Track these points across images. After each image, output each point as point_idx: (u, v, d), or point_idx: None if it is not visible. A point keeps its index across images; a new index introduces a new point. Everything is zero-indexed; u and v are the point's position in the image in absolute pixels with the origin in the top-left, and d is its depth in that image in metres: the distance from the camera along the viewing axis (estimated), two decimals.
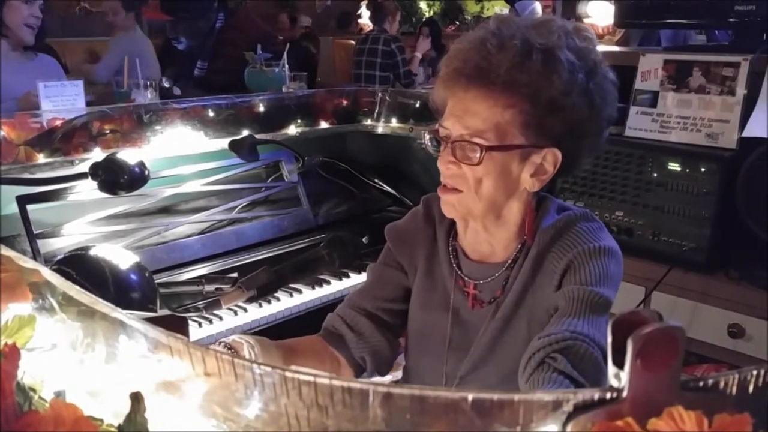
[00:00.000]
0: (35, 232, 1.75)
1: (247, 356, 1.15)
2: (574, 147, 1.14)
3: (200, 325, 1.81)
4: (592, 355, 0.99)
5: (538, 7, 6.40)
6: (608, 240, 1.16)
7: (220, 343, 1.18)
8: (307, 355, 1.24)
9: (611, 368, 0.47)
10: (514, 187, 1.14)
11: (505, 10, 6.88)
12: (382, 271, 1.33)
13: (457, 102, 1.12)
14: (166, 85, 2.72)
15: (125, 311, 0.57)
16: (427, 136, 1.19)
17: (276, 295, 1.93)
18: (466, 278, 1.23)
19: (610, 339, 0.48)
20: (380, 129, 2.58)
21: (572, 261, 1.11)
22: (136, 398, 0.55)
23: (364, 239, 2.10)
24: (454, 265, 1.24)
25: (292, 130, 2.37)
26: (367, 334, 1.28)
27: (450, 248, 1.26)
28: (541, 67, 1.07)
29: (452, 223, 1.25)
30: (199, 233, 2.04)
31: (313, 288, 2.02)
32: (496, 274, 1.20)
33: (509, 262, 1.19)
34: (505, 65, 1.07)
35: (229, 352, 1.13)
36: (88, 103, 2.11)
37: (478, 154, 1.08)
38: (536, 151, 1.11)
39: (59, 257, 1.61)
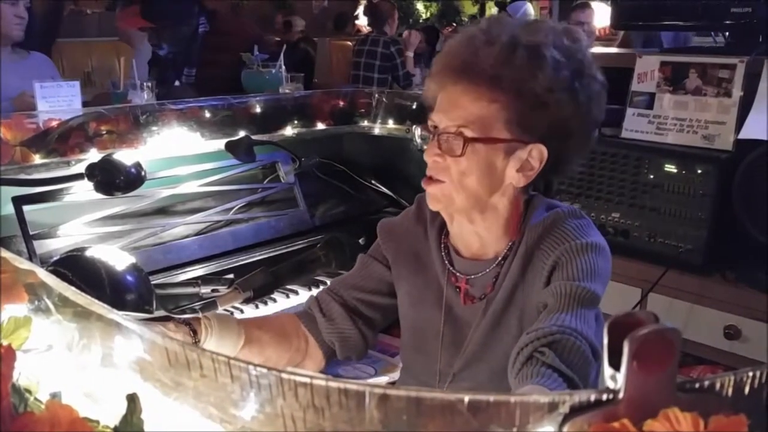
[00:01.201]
0: (31, 233, 1.75)
1: (203, 335, 1.18)
2: (560, 145, 1.15)
3: None
4: (579, 348, 1.00)
5: (530, 8, 6.42)
6: (596, 236, 1.17)
7: (181, 319, 1.20)
8: (272, 333, 1.29)
9: (607, 370, 0.47)
10: (499, 183, 1.15)
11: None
12: (367, 262, 1.36)
13: (446, 95, 1.15)
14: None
15: (121, 312, 0.57)
16: (418, 131, 1.21)
17: (272, 296, 1.92)
18: (458, 274, 1.24)
19: (606, 341, 0.48)
20: (377, 130, 2.57)
21: (560, 257, 1.12)
22: (132, 400, 0.55)
23: (360, 240, 2.10)
24: (446, 261, 1.25)
25: (289, 131, 2.37)
26: (338, 320, 1.31)
27: (442, 245, 1.27)
28: (526, 62, 1.09)
29: (444, 221, 1.27)
30: (196, 234, 2.03)
31: (310, 289, 2.02)
32: (487, 270, 1.21)
33: (500, 258, 1.20)
34: (490, 60, 1.10)
35: (188, 328, 1.17)
36: (85, 104, 2.10)
37: (461, 146, 1.11)
38: (521, 147, 1.13)
39: (55, 258, 1.61)
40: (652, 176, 1.91)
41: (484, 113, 1.11)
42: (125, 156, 1.77)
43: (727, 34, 2.18)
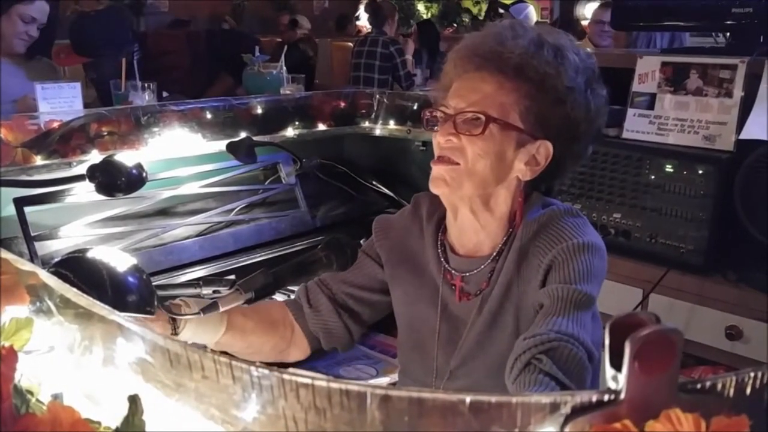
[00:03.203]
0: (32, 234, 1.75)
1: (182, 321, 1.19)
2: (564, 148, 1.18)
3: None
4: (576, 356, 1.01)
5: (532, 11, 6.42)
6: (592, 235, 1.17)
7: (160, 305, 1.21)
8: (257, 321, 1.31)
9: (609, 370, 0.47)
10: (506, 173, 1.17)
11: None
12: (360, 258, 1.36)
13: (466, 81, 1.18)
14: None
15: (123, 314, 0.57)
16: (428, 115, 1.21)
17: (274, 297, 1.92)
18: (453, 271, 1.24)
19: (607, 341, 0.48)
20: (378, 131, 2.57)
21: (556, 257, 1.13)
22: (134, 401, 0.55)
23: (361, 241, 2.10)
24: (442, 259, 1.26)
25: (290, 132, 2.37)
26: (324, 312, 1.33)
27: (438, 243, 1.27)
28: (552, 58, 1.14)
29: (441, 219, 1.28)
30: (197, 235, 2.03)
31: None
32: (482, 266, 1.22)
33: (494, 254, 1.21)
34: (518, 50, 1.13)
35: (166, 314, 1.18)
36: (86, 105, 2.10)
37: (481, 126, 1.12)
38: (531, 141, 1.16)
39: (56, 259, 1.60)
40: (653, 177, 1.91)
41: (503, 101, 1.14)
42: (126, 157, 1.77)
43: (728, 34, 2.18)
